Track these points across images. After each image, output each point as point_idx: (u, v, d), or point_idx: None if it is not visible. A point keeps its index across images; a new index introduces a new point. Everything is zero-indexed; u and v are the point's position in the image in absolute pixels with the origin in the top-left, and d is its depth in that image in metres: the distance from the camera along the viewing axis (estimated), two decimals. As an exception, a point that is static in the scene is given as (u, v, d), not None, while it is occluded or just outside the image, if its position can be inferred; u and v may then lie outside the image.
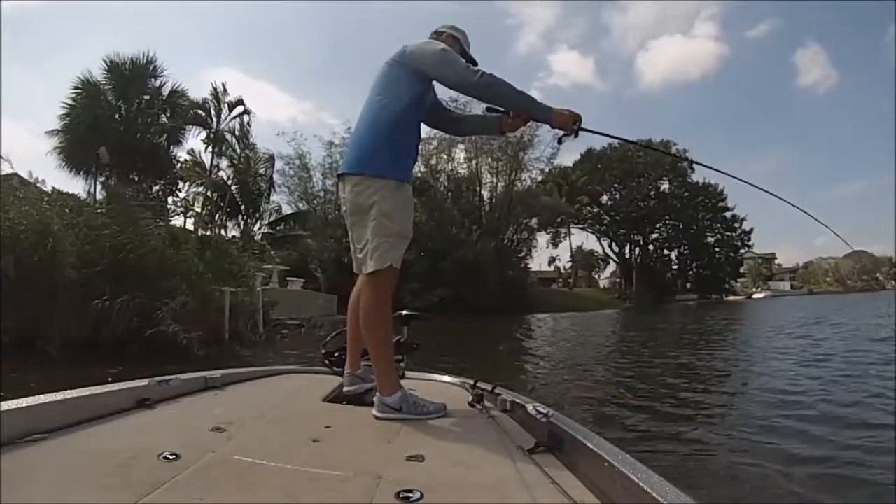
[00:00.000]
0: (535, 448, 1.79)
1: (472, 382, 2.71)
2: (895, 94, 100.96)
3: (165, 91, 30.44)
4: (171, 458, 1.55)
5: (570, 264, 74.84)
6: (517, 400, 2.36)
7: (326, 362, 3.03)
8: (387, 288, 2.44)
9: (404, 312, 2.97)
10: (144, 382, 2.23)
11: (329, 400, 2.63)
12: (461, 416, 2.38)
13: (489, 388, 2.59)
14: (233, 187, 35.43)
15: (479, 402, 2.48)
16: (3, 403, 1.64)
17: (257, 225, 37.51)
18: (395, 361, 2.68)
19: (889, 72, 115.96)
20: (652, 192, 63.35)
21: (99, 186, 28.23)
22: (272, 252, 27.72)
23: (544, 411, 1.98)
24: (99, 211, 15.16)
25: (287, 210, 39.24)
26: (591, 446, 1.58)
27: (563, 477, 1.54)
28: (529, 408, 2.09)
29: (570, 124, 2.42)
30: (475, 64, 2.55)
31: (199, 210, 34.89)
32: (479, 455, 1.81)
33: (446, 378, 3.13)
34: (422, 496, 1.38)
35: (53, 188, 20.21)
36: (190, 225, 31.40)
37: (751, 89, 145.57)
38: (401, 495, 1.38)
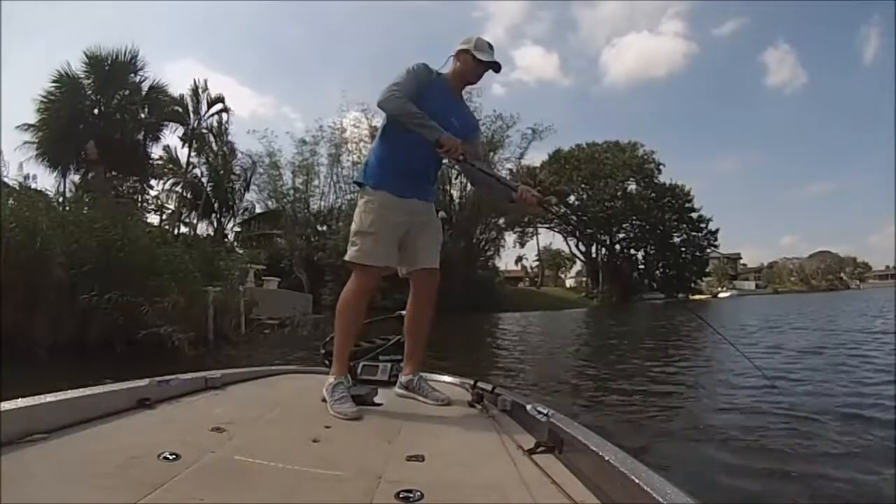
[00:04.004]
0: (535, 448, 1.79)
1: (472, 382, 2.71)
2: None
3: (145, 86, 29.62)
4: (171, 458, 1.55)
5: (536, 263, 75.43)
6: (517, 400, 2.37)
7: (326, 362, 3.05)
8: (355, 281, 2.69)
9: (404, 312, 2.99)
10: (144, 382, 2.22)
11: None
12: (461, 416, 2.39)
13: (489, 388, 2.60)
14: (208, 185, 34.98)
15: (479, 402, 2.49)
16: (3, 403, 1.63)
17: (230, 223, 37.09)
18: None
19: (858, 73, 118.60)
20: (619, 193, 63.48)
21: (70, 184, 27.67)
22: (241, 252, 27.44)
23: (544, 411, 1.99)
24: (84, 209, 14.94)
25: (258, 209, 38.87)
26: (591, 446, 1.57)
27: (563, 477, 1.54)
28: (529, 408, 2.10)
29: (455, 149, 2.52)
30: (497, 67, 2.79)
31: (172, 207, 34.39)
32: (479, 455, 1.82)
33: (446, 378, 3.13)
34: (422, 496, 1.38)
35: (21, 184, 19.60)
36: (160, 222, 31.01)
37: (718, 88, 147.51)
38: (401, 495, 1.38)
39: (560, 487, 1.45)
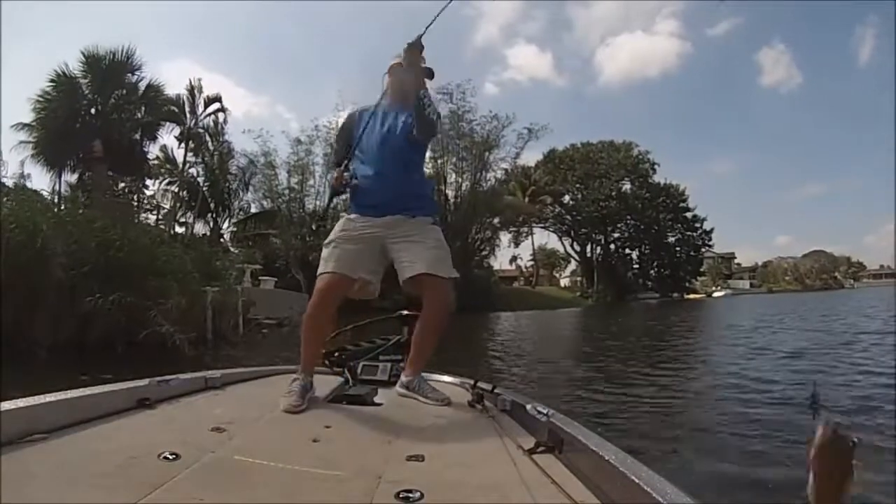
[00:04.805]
0: (535, 448, 1.78)
1: (472, 382, 2.69)
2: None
3: (142, 86, 29.33)
4: (171, 458, 1.54)
5: (531, 263, 75.32)
6: (517, 400, 2.37)
7: (326, 362, 3.06)
8: (318, 288, 2.79)
9: (405, 312, 3.00)
10: (144, 382, 2.22)
11: (329, 400, 2.62)
12: (461, 416, 2.38)
13: (489, 388, 2.59)
14: (204, 185, 34.94)
15: (479, 402, 2.46)
16: (3, 403, 1.63)
17: (226, 223, 37.04)
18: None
19: (854, 73, 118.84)
20: (613, 193, 63.55)
21: (65, 183, 27.67)
22: (236, 252, 27.41)
23: (544, 411, 1.99)
24: (80, 209, 14.93)
25: (253, 209, 38.89)
26: (591, 446, 1.57)
27: (564, 477, 1.53)
28: (529, 408, 2.10)
29: (339, 184, 2.85)
30: (431, 73, 2.83)
31: (168, 207, 34.36)
32: (479, 455, 1.81)
33: (446, 378, 3.10)
34: (422, 496, 1.38)
35: (16, 184, 19.56)
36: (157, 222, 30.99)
37: (713, 88, 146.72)
38: (401, 495, 1.38)
39: (560, 487, 1.44)
